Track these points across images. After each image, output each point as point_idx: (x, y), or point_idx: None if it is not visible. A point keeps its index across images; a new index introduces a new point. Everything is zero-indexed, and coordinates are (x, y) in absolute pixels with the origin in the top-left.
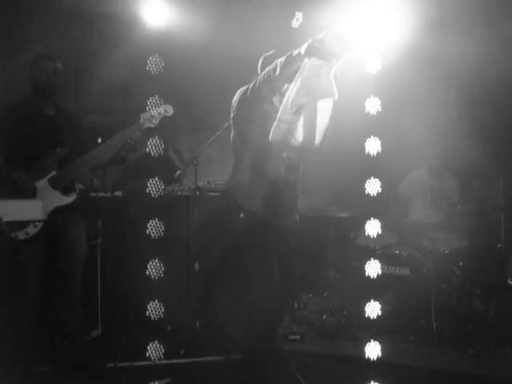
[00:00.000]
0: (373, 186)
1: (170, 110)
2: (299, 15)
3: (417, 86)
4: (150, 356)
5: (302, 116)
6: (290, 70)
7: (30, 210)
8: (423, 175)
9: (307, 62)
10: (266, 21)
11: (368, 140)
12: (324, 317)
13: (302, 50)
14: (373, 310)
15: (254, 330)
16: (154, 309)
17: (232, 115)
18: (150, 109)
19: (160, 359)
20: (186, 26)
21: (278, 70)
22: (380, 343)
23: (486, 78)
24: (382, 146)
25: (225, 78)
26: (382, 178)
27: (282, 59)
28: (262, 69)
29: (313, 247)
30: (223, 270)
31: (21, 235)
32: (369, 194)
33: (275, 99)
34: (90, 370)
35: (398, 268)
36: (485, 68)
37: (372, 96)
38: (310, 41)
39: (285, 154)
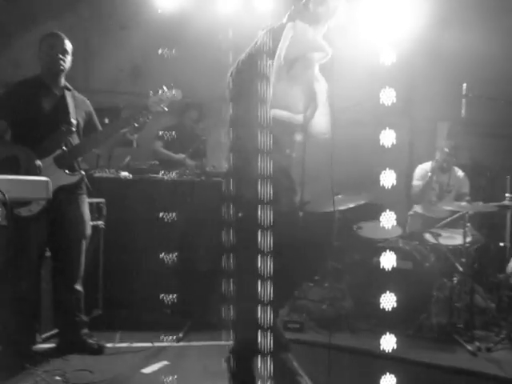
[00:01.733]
0: (388, 178)
1: (178, 94)
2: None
3: (429, 79)
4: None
5: (299, 82)
6: (271, 44)
7: (34, 188)
8: (432, 170)
9: (292, 25)
10: (280, 11)
11: (383, 131)
12: (324, 307)
13: (284, 18)
14: (386, 302)
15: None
16: (157, 292)
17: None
18: (159, 92)
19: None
20: (198, 11)
21: (258, 43)
22: (379, 336)
23: (499, 73)
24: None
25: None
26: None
27: (263, 32)
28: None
29: (315, 236)
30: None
31: (24, 212)
32: (383, 186)
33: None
34: (89, 348)
35: (400, 261)
36: (498, 63)
37: (387, 87)
38: (292, 7)
39: (288, 151)
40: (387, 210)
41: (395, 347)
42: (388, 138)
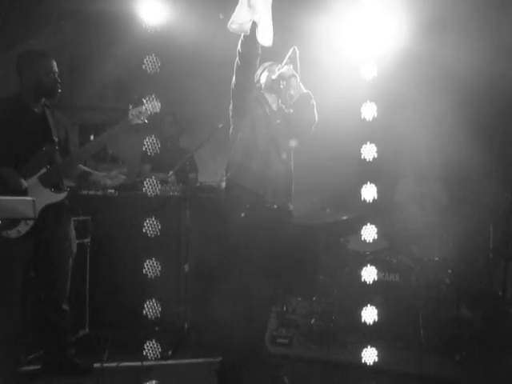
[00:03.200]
0: (369, 192)
1: (157, 106)
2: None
3: (412, 91)
4: (146, 354)
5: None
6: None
7: (20, 208)
8: (414, 181)
9: None
10: None
11: (364, 146)
12: (312, 321)
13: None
14: (368, 315)
15: (242, 331)
16: (145, 308)
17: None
18: (138, 105)
19: (157, 359)
20: (182, 25)
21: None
22: (368, 349)
23: (481, 82)
24: (378, 151)
25: (220, 78)
26: (375, 183)
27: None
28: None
29: (303, 250)
30: (214, 267)
31: (13, 234)
32: (365, 200)
33: (268, 96)
34: (76, 369)
35: (387, 274)
36: (480, 73)
37: (368, 101)
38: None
39: (284, 156)
40: (368, 224)
41: (384, 360)
42: (369, 151)
